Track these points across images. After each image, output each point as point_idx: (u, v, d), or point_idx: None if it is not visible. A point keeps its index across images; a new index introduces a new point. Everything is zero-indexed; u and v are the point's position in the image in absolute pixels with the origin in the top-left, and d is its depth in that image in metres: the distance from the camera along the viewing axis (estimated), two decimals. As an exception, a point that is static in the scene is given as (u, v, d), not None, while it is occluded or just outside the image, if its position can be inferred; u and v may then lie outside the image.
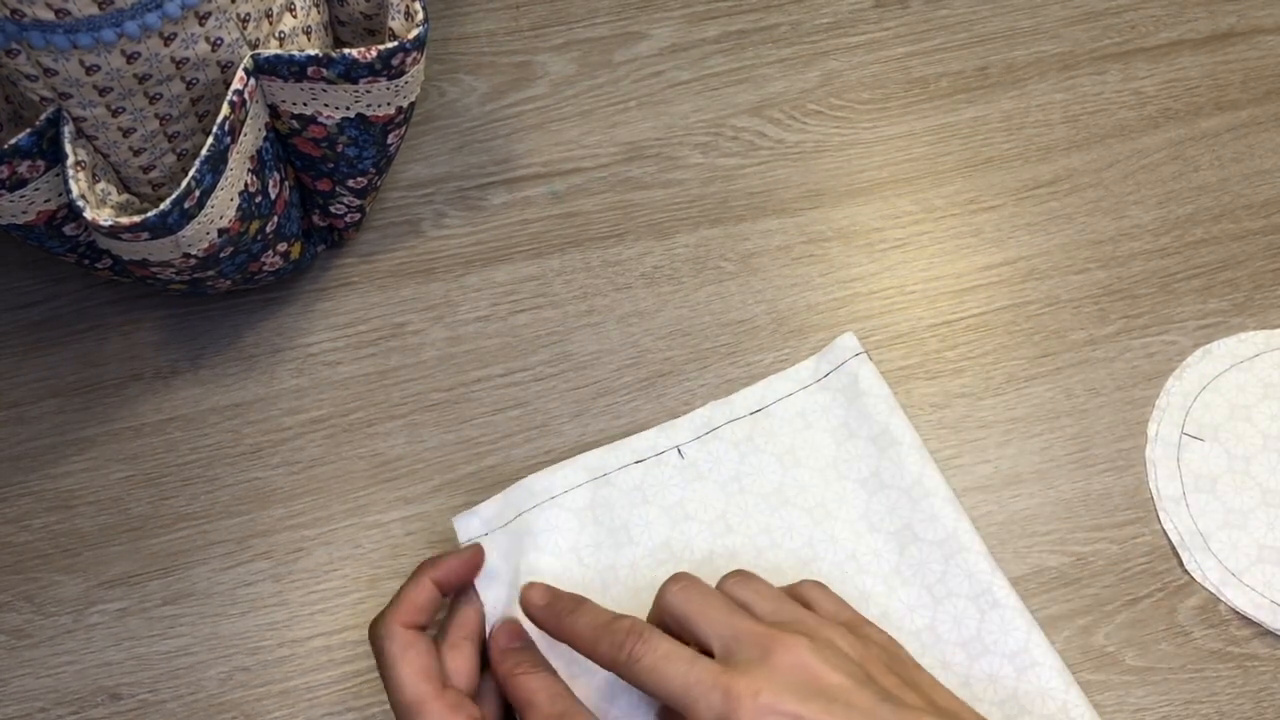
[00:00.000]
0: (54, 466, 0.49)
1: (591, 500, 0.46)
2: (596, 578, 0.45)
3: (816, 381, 0.49)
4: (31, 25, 0.35)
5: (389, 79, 0.41)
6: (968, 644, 0.44)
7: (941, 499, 0.46)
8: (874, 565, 0.45)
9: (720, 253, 0.53)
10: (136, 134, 0.41)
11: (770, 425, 0.48)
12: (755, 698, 0.35)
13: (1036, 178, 0.55)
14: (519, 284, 0.52)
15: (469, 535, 0.45)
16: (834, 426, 0.48)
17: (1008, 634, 0.44)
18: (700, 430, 0.48)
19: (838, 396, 0.49)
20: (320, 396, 0.50)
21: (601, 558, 0.45)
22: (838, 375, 0.49)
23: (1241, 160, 0.55)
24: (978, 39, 0.58)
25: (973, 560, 0.45)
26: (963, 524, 0.46)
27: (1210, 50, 0.58)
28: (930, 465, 0.47)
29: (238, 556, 0.47)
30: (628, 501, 0.46)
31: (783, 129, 0.56)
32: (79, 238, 0.44)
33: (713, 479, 0.47)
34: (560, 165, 0.55)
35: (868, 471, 0.47)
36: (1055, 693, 0.43)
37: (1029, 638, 0.44)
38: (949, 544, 0.45)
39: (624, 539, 0.46)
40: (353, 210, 0.50)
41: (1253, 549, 0.46)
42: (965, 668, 0.43)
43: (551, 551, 0.45)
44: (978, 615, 0.44)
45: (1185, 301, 0.52)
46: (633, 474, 0.47)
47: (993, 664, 0.43)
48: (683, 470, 0.47)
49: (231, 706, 0.45)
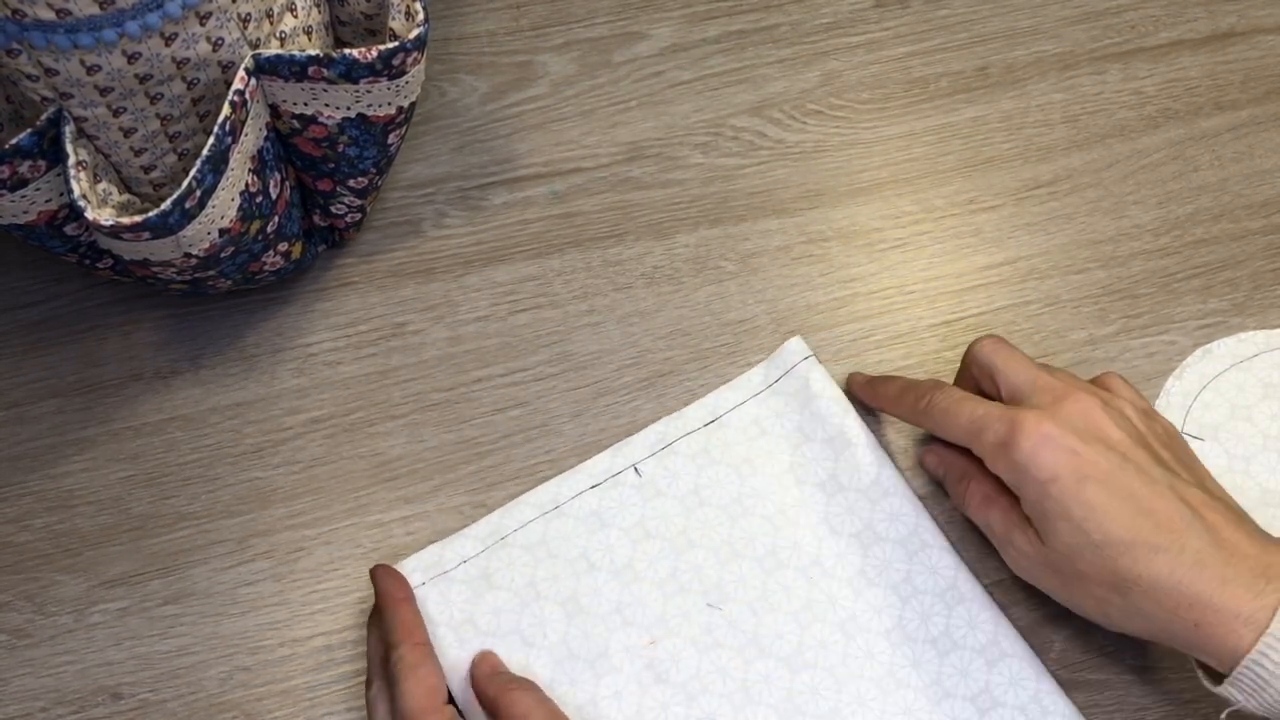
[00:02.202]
0: (54, 466, 0.49)
1: (544, 535, 0.46)
2: (558, 609, 0.45)
3: (768, 388, 0.49)
4: (33, 25, 0.35)
5: (390, 79, 0.41)
6: (936, 641, 0.44)
7: (900, 497, 0.46)
8: (838, 569, 0.45)
9: (720, 253, 0.53)
10: (138, 134, 0.41)
11: (725, 435, 0.48)
12: (1038, 425, 0.40)
13: (1036, 178, 0.55)
14: (519, 284, 0.52)
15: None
16: (788, 432, 0.48)
17: (976, 628, 0.44)
18: (655, 447, 0.48)
19: (790, 401, 0.48)
20: (321, 396, 0.50)
21: (561, 589, 0.45)
22: (788, 380, 0.49)
23: (1241, 160, 0.55)
24: (978, 39, 0.58)
25: (936, 556, 0.45)
26: (924, 520, 0.46)
27: (1210, 50, 0.58)
28: (887, 464, 0.47)
29: (238, 556, 0.47)
30: (585, 529, 0.46)
31: (783, 129, 0.56)
32: (80, 238, 0.44)
33: (671, 495, 0.47)
34: (560, 165, 0.55)
35: (825, 475, 0.47)
36: (1027, 682, 0.43)
37: (997, 629, 0.44)
38: (911, 542, 0.45)
39: (583, 567, 0.46)
40: (353, 210, 0.50)
41: None
42: (936, 665, 0.44)
43: (508, 589, 0.45)
44: (945, 611, 0.44)
45: (1185, 301, 0.52)
46: (588, 500, 0.47)
47: (963, 659, 0.44)
48: (641, 489, 0.47)
49: (232, 706, 0.45)
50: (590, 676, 0.44)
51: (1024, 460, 0.39)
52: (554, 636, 0.44)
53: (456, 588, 0.45)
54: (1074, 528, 0.39)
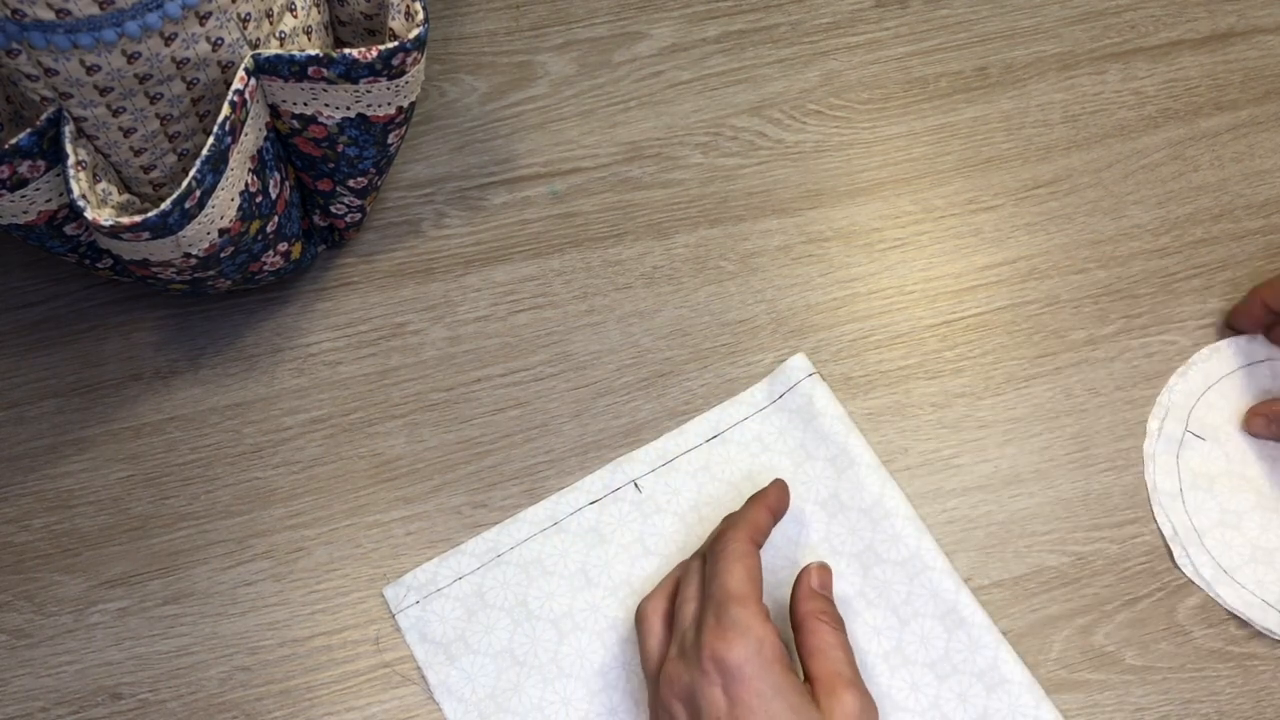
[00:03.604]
0: (54, 466, 0.49)
1: (540, 552, 0.46)
2: (551, 628, 0.45)
3: (771, 404, 0.49)
4: (32, 25, 0.35)
5: (389, 79, 0.41)
6: (936, 664, 0.44)
7: (903, 518, 0.46)
8: (838, 589, 0.45)
9: (720, 253, 0.53)
10: (137, 134, 0.41)
11: (727, 452, 0.48)
12: None
13: (1036, 178, 0.55)
14: (519, 284, 0.52)
15: (400, 605, 0.46)
16: (791, 449, 0.48)
17: (976, 652, 0.44)
18: (656, 463, 0.48)
19: (794, 418, 0.48)
20: (320, 396, 0.50)
21: (555, 606, 0.45)
22: (792, 396, 0.49)
23: (1241, 160, 0.55)
24: (978, 39, 0.58)
25: (937, 579, 0.45)
26: (925, 542, 0.45)
27: (1210, 50, 0.58)
28: (890, 484, 0.47)
29: (238, 556, 0.47)
30: (583, 544, 0.46)
31: (782, 129, 0.56)
32: (80, 238, 0.44)
33: (671, 511, 0.47)
34: (560, 165, 0.55)
35: (827, 493, 0.47)
36: (1026, 709, 0.43)
37: (997, 654, 0.44)
38: (912, 564, 0.45)
39: (581, 583, 0.46)
40: (353, 210, 0.50)
41: (1246, 549, 0.46)
42: (934, 689, 0.43)
43: (501, 607, 0.45)
44: (945, 635, 0.44)
45: (1185, 301, 0.52)
46: (587, 515, 0.47)
47: (962, 683, 0.43)
48: (640, 505, 0.47)
49: (232, 706, 0.45)
50: (584, 695, 0.44)
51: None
52: (545, 655, 0.44)
53: (450, 605, 0.45)
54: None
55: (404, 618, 0.45)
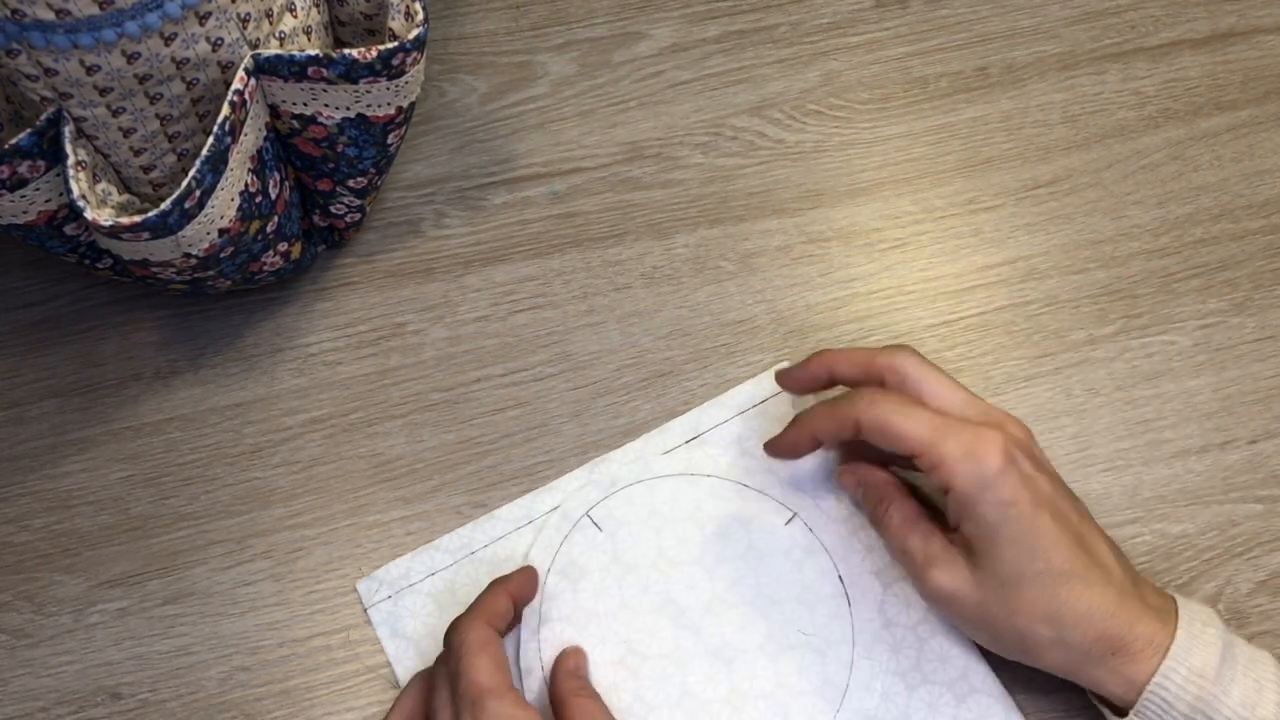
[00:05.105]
0: (54, 466, 0.49)
1: (514, 550, 0.46)
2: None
3: (754, 406, 0.49)
4: (32, 25, 0.35)
5: (389, 79, 0.41)
6: (906, 674, 0.44)
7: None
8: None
9: (720, 253, 0.53)
10: (137, 134, 0.41)
11: (705, 453, 0.48)
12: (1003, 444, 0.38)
13: (1036, 178, 0.55)
14: (519, 284, 0.52)
15: (372, 600, 0.45)
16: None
17: (946, 662, 0.43)
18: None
19: (774, 426, 0.47)
20: (320, 396, 0.50)
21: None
22: (774, 403, 0.49)
23: (1241, 160, 0.55)
24: (978, 39, 0.58)
25: (911, 587, 0.44)
26: None
27: (1210, 50, 0.58)
28: None
29: (238, 556, 0.47)
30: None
31: (782, 129, 0.56)
32: (80, 238, 0.44)
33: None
34: (560, 165, 0.55)
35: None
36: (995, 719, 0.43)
37: (967, 665, 0.43)
38: (887, 573, 0.45)
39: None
40: (353, 210, 0.50)
41: None
42: (904, 699, 0.43)
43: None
44: (916, 644, 0.44)
45: (1185, 301, 0.52)
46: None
47: (932, 693, 0.43)
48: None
49: (231, 706, 0.45)
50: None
51: (990, 477, 0.38)
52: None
53: (421, 600, 0.45)
54: (1021, 555, 0.38)
55: (375, 612, 0.45)
